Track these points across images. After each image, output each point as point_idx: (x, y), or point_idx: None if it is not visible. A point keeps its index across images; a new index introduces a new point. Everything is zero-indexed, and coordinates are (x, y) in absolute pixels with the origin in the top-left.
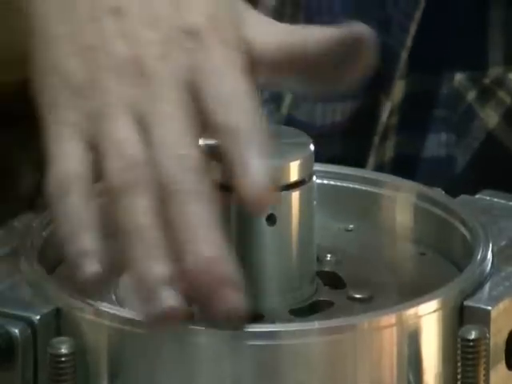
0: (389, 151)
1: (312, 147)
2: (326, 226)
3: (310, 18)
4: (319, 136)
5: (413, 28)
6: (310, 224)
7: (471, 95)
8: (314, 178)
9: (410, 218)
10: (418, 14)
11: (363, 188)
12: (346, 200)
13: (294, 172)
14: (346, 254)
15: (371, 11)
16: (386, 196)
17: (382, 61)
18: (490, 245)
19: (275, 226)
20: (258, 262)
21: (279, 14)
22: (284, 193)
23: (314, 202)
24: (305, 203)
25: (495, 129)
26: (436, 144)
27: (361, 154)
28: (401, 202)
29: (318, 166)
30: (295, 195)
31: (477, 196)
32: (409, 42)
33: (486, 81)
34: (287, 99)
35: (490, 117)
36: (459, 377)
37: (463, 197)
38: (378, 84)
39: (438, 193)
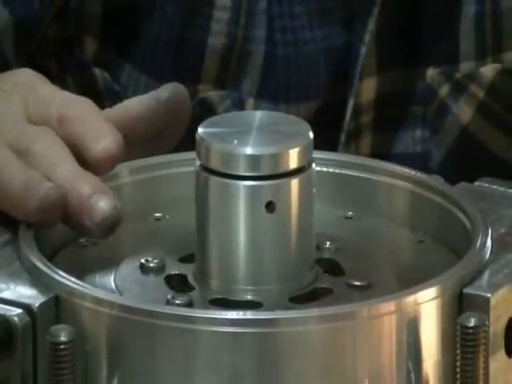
0: (364, 150)
1: (311, 134)
2: (326, 213)
3: (271, 23)
4: None
5: (371, 24)
6: (310, 211)
7: (444, 90)
8: (314, 165)
9: (409, 206)
10: (376, 10)
11: (363, 175)
12: (345, 187)
13: (293, 159)
14: (346, 242)
15: (334, 10)
16: (385, 183)
17: (345, 59)
18: (489, 232)
19: (274, 214)
20: (258, 250)
21: (235, 22)
22: (283, 180)
23: (314, 190)
24: (304, 190)
25: (469, 124)
26: (411, 140)
27: (326, 149)
28: (400, 190)
29: (317, 154)
30: (294, 182)
31: (476, 183)
32: (367, 37)
33: (458, 75)
34: (249, 104)
35: (464, 112)
36: (458, 364)
37: (462, 184)
38: (340, 82)
39: (437, 180)
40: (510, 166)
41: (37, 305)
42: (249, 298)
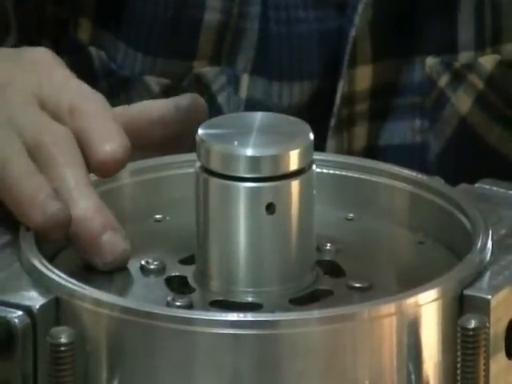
0: (359, 140)
1: (312, 136)
2: (326, 214)
3: (265, 13)
4: None
5: (361, 7)
6: (310, 213)
7: (443, 80)
8: (314, 166)
9: (409, 207)
10: None
11: (363, 177)
12: (345, 189)
13: (293, 161)
14: (346, 243)
15: None
16: (385, 185)
17: (337, 43)
18: (490, 234)
19: (275, 215)
20: (258, 251)
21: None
22: (284, 182)
23: (314, 191)
24: (304, 192)
25: (468, 115)
26: (410, 131)
27: (318, 136)
28: (400, 191)
29: (317, 155)
30: (295, 184)
31: (476, 185)
32: (357, 20)
33: (457, 65)
34: (244, 81)
35: (462, 102)
36: (459, 366)
37: (463, 185)
38: (332, 66)
39: (437, 182)
40: (507, 160)
41: (37, 306)
42: (249, 299)
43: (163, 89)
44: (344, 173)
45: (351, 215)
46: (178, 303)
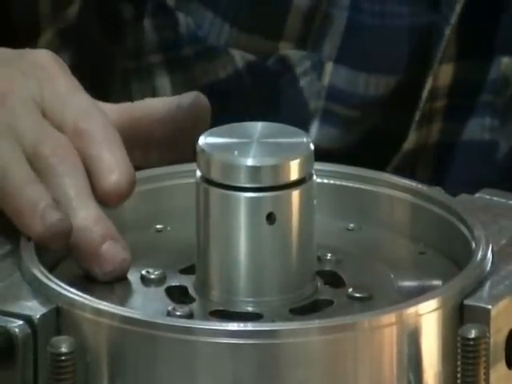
0: (433, 135)
1: (312, 146)
2: (327, 225)
3: (357, 4)
4: (360, 105)
5: (458, 6)
6: (311, 223)
7: None
8: (315, 176)
9: (409, 217)
10: None
11: (363, 187)
12: (346, 199)
13: (294, 171)
14: (347, 253)
15: None
16: (386, 195)
17: (428, 39)
18: (490, 244)
19: (275, 225)
20: (258, 261)
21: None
22: (284, 192)
23: (315, 201)
24: (305, 202)
25: None
26: (480, 127)
27: (401, 128)
28: (401, 201)
29: (318, 165)
30: (295, 194)
31: (477, 195)
32: (453, 19)
33: None
34: (328, 68)
35: None
36: (459, 375)
37: (463, 196)
38: (422, 61)
39: (437, 192)
40: None
41: (38, 316)
42: (249, 309)
43: (248, 64)
44: (344, 183)
45: (352, 225)
46: (178, 313)
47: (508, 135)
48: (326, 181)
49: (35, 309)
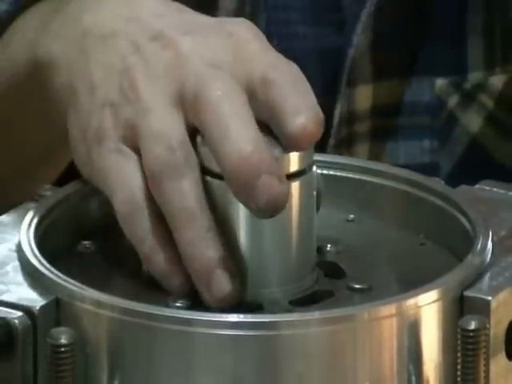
0: (361, 158)
1: None
2: (327, 216)
3: (269, 28)
4: None
5: (359, 27)
6: (311, 214)
7: (452, 101)
8: (315, 168)
9: (409, 209)
10: (364, 14)
11: (363, 178)
12: (346, 190)
13: (294, 162)
14: (347, 245)
15: (327, 13)
16: (386, 186)
17: (335, 62)
18: (490, 235)
19: (275, 217)
20: (258, 253)
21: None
22: None
23: (314, 193)
24: (305, 193)
25: (478, 134)
26: (419, 150)
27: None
28: (400, 192)
29: (318, 156)
30: (295, 185)
31: (477, 186)
32: (355, 40)
33: (467, 85)
34: None
35: (472, 122)
36: (459, 367)
37: (463, 187)
38: (330, 84)
39: (438, 183)
40: None
41: (37, 307)
42: (249, 300)
43: None
44: (344, 174)
45: (352, 216)
46: (178, 304)
47: (448, 156)
48: (326, 172)
49: (35, 300)
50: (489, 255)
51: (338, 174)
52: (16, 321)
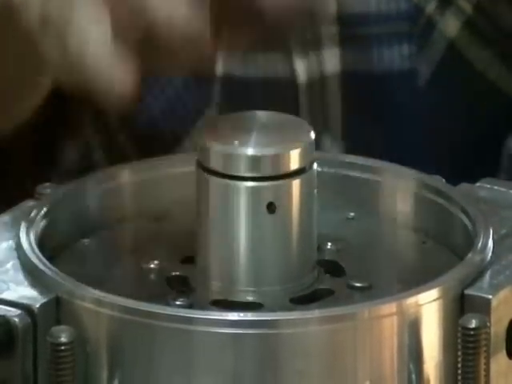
0: (332, 62)
1: (313, 135)
2: (327, 214)
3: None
4: None
5: None
6: (311, 212)
7: (431, 6)
8: (315, 166)
9: (410, 207)
10: None
11: (364, 176)
12: (346, 188)
13: (294, 160)
14: (347, 243)
15: None
16: (386, 184)
17: None
18: (491, 233)
19: (275, 215)
20: (258, 251)
21: None
22: (284, 181)
23: (315, 190)
24: (305, 191)
25: (456, 39)
26: (399, 57)
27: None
28: (401, 191)
29: (318, 154)
30: (296, 183)
31: (477, 184)
32: None
33: None
34: None
35: (450, 26)
36: (460, 365)
37: (464, 185)
38: None
39: (438, 181)
40: (495, 86)
41: (37, 306)
42: (249, 299)
43: None
44: (345, 172)
45: (352, 214)
46: (178, 303)
47: (427, 61)
48: (326, 170)
49: (35, 298)
50: (489, 254)
51: (339, 171)
52: (16, 319)
